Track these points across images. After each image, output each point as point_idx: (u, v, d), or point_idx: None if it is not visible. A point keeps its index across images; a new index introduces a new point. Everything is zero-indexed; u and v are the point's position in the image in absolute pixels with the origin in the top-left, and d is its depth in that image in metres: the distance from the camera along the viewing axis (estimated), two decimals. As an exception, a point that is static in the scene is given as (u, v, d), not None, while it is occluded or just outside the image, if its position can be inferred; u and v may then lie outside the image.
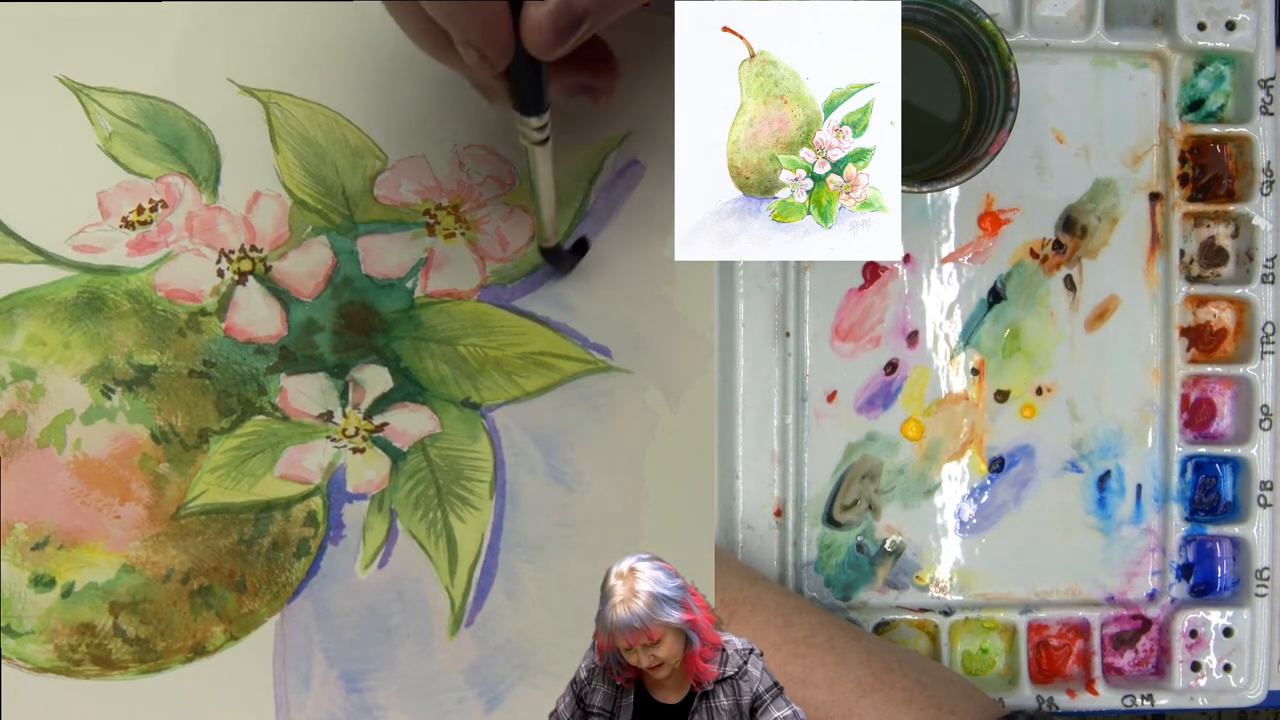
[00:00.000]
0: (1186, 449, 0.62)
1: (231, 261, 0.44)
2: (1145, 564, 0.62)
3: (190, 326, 0.44)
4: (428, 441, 0.44)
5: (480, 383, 0.44)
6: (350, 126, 0.45)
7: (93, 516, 0.42)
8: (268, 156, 0.44)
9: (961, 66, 0.58)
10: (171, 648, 0.42)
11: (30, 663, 0.41)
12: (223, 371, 0.44)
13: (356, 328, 0.44)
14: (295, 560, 0.43)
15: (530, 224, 0.44)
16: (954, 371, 0.61)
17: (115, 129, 0.44)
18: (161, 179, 0.44)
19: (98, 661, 0.42)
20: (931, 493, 0.61)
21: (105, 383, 0.43)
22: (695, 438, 0.45)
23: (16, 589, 0.41)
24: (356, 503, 0.44)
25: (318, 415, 0.44)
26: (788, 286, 0.60)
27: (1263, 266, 0.61)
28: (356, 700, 0.42)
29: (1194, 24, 0.61)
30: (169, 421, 0.43)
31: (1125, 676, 0.62)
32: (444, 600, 0.43)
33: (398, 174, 0.45)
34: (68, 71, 0.44)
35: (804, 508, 0.61)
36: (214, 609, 0.42)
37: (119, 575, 0.42)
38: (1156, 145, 0.62)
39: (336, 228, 0.44)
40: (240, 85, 0.44)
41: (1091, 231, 0.62)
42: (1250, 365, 0.62)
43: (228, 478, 0.43)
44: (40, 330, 0.43)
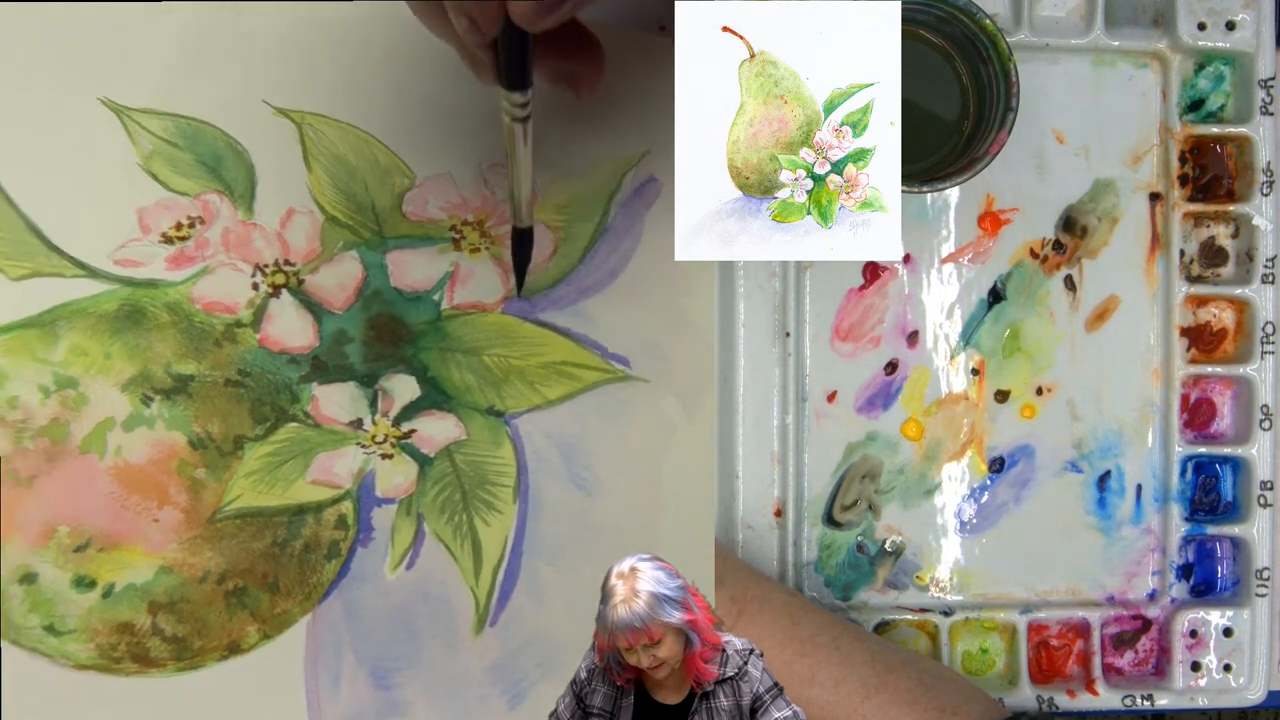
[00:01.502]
0: (1186, 449, 0.62)
1: (266, 275, 0.46)
2: (1145, 564, 0.62)
3: (226, 337, 0.46)
4: (454, 448, 0.46)
5: (504, 391, 0.47)
6: (380, 146, 0.46)
7: (132, 520, 0.44)
8: (301, 175, 0.46)
9: (961, 66, 0.58)
10: (207, 646, 0.44)
11: (72, 660, 0.43)
12: (257, 381, 0.46)
13: (385, 338, 0.46)
14: (326, 562, 0.45)
15: (551, 239, 0.46)
16: (954, 371, 0.61)
17: (155, 148, 0.46)
18: (199, 196, 0.46)
19: (136, 659, 0.44)
20: (931, 493, 0.61)
21: (145, 391, 0.45)
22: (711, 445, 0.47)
23: (59, 590, 0.43)
24: (385, 507, 0.46)
25: (348, 422, 0.46)
26: (788, 286, 0.60)
27: (1263, 266, 0.61)
28: (384, 697, 0.44)
29: (1194, 24, 0.61)
30: (205, 429, 0.45)
31: (1125, 676, 0.62)
32: (469, 601, 0.45)
33: (425, 191, 0.47)
34: (110, 93, 0.45)
35: (804, 508, 0.61)
36: (248, 609, 0.44)
37: (157, 576, 0.44)
38: (1156, 145, 0.62)
39: (366, 243, 0.46)
40: (275, 106, 0.46)
41: (1091, 231, 0.62)
42: (1250, 365, 0.62)
43: (262, 482, 0.45)
44: (82, 341, 0.45)
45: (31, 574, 0.44)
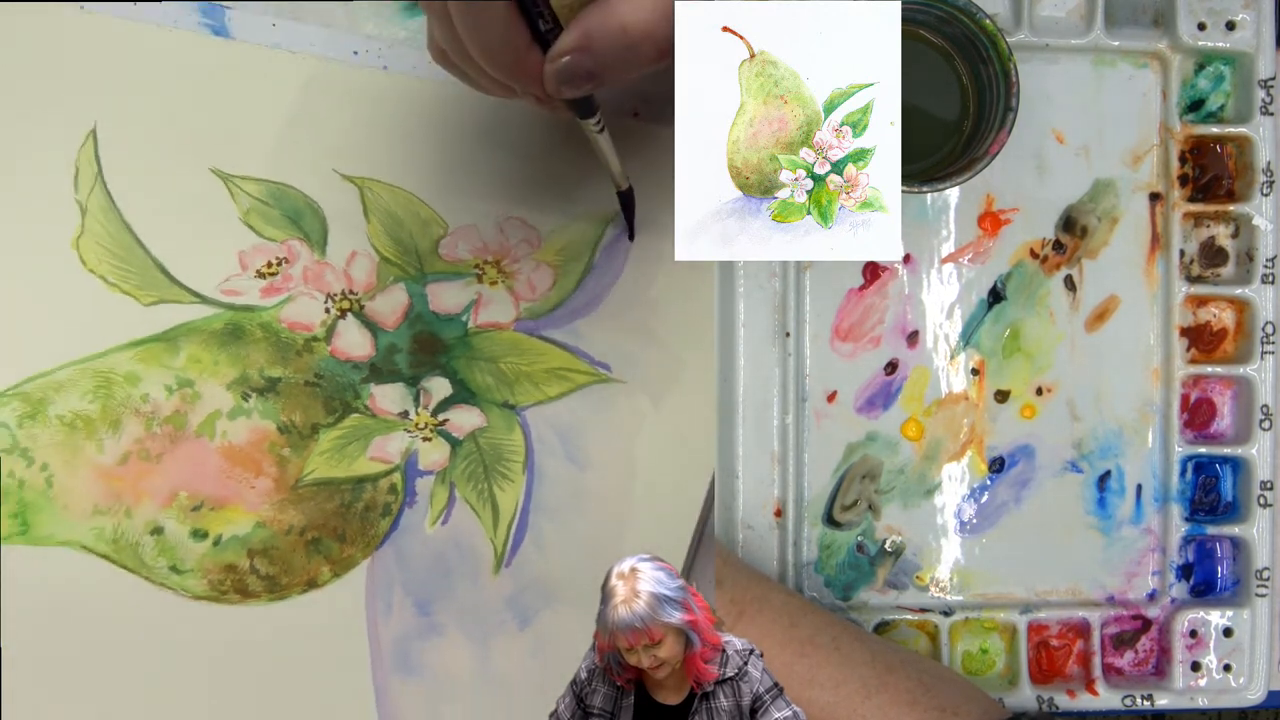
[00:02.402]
0: (1186, 449, 0.62)
1: (335, 302, 0.60)
2: (1145, 564, 0.62)
3: (305, 349, 0.59)
4: (477, 433, 0.59)
5: (516, 390, 0.59)
6: (421, 203, 0.61)
7: (235, 487, 0.58)
8: (361, 225, 0.60)
9: (961, 66, 0.58)
10: (292, 582, 0.57)
11: (190, 593, 0.57)
12: (329, 382, 0.59)
13: (426, 350, 0.60)
14: (381, 519, 0.58)
15: (551, 274, 0.60)
16: (954, 371, 0.61)
17: (251, 206, 0.60)
18: (285, 242, 0.60)
19: (238, 592, 0.57)
20: (931, 493, 0.61)
21: (244, 390, 0.59)
22: (675, 432, 0.58)
23: (180, 539, 0.57)
24: (425, 477, 0.58)
25: (397, 414, 0.59)
26: (788, 286, 0.60)
27: (1263, 266, 0.61)
28: (425, 621, 0.57)
29: (1194, 24, 0.61)
30: (290, 418, 0.59)
31: (1125, 676, 0.62)
32: (489, 549, 0.58)
33: (456, 238, 0.60)
34: (217, 164, 0.60)
35: (804, 508, 0.61)
36: (322, 554, 0.58)
37: (254, 530, 0.58)
38: (1156, 145, 0.62)
39: (411, 278, 0.60)
40: (342, 174, 0.61)
41: (1091, 231, 0.62)
42: (1250, 365, 0.62)
43: (332, 459, 0.59)
44: (197, 352, 0.59)
45: (159, 528, 0.58)
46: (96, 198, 0.60)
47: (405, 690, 0.57)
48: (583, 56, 0.49)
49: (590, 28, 0.49)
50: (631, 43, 0.49)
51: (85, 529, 0.58)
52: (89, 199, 0.60)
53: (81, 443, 0.58)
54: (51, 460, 0.58)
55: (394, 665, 0.57)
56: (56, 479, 0.58)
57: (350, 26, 0.62)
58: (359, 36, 0.62)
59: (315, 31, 0.62)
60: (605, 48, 0.49)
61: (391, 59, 0.62)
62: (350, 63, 0.62)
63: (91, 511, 0.58)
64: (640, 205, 0.59)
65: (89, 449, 0.58)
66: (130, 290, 0.60)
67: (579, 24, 0.49)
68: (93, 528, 0.58)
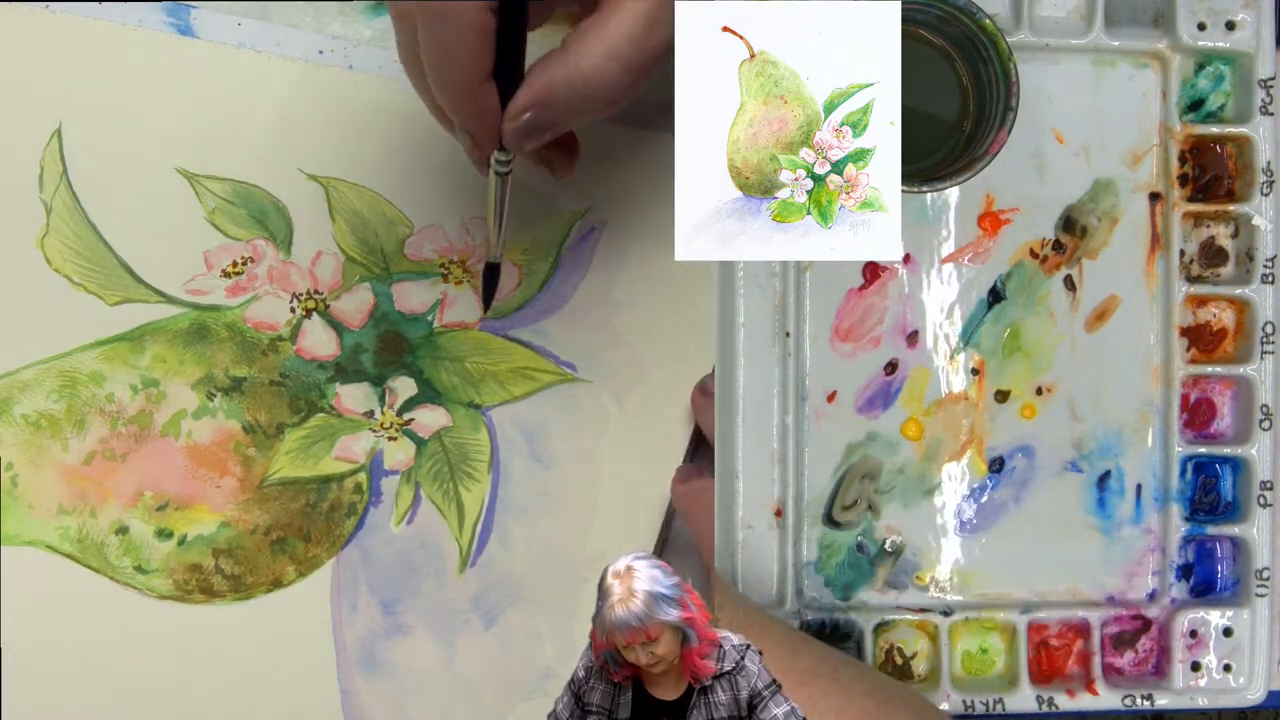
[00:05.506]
0: (1186, 449, 0.62)
1: (300, 301, 0.60)
2: (1145, 564, 0.62)
3: (270, 348, 0.59)
4: (443, 432, 0.59)
5: (481, 389, 0.59)
6: (387, 203, 0.60)
7: (200, 487, 0.58)
8: (327, 225, 0.60)
9: (961, 66, 0.58)
10: (257, 582, 0.58)
11: (155, 592, 0.57)
12: (294, 381, 0.59)
13: (391, 349, 0.59)
14: (346, 518, 0.58)
15: (517, 274, 0.60)
16: (954, 371, 0.61)
17: (217, 205, 0.60)
18: (250, 241, 0.60)
19: (204, 591, 0.57)
20: (931, 493, 0.61)
21: (209, 389, 0.59)
22: (640, 431, 0.59)
23: (145, 539, 0.57)
24: (391, 477, 0.58)
25: (363, 413, 0.59)
26: (788, 286, 0.60)
27: (1263, 266, 0.61)
28: (390, 620, 0.57)
29: (1194, 24, 0.61)
30: (255, 418, 0.59)
31: (1125, 676, 0.62)
32: (454, 548, 0.58)
33: (421, 238, 0.60)
34: (183, 163, 0.60)
35: (804, 508, 0.61)
36: (287, 554, 0.58)
37: (219, 529, 0.58)
38: (1156, 145, 0.62)
39: (377, 277, 0.60)
40: (307, 173, 0.60)
41: (1091, 231, 0.62)
42: (1250, 365, 0.62)
43: (297, 459, 0.59)
44: (162, 351, 0.59)
45: (124, 527, 0.58)
46: (61, 197, 0.59)
47: (371, 689, 0.57)
48: (543, 111, 0.50)
49: (552, 80, 0.49)
50: (590, 93, 0.49)
51: (50, 528, 0.57)
52: (54, 198, 0.59)
53: (46, 442, 0.58)
54: (16, 460, 0.58)
55: (359, 665, 0.57)
56: (21, 478, 0.57)
57: (316, 26, 0.62)
58: (324, 36, 0.62)
59: (281, 31, 0.61)
60: (565, 99, 0.50)
61: (357, 59, 0.61)
62: (316, 62, 0.61)
63: (56, 511, 0.57)
64: (609, 202, 0.59)
65: (54, 448, 0.58)
66: (95, 290, 0.59)
67: (538, 76, 0.50)
68: (58, 527, 0.57)
